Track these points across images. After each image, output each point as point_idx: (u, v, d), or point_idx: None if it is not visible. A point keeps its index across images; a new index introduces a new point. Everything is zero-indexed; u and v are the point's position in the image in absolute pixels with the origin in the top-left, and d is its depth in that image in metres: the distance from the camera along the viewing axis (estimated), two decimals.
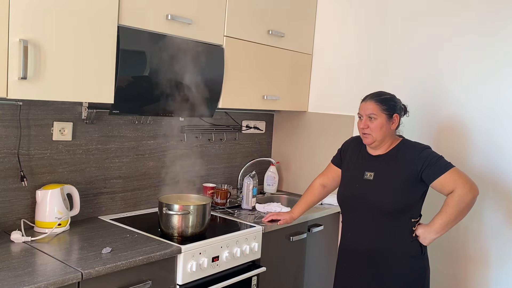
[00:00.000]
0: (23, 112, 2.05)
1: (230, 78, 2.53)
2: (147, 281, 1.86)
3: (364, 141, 2.13)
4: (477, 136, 2.51)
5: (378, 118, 2.05)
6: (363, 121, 2.09)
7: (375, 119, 2.05)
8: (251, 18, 2.65)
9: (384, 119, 2.06)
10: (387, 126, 2.06)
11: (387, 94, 2.12)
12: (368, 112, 2.07)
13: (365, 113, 2.08)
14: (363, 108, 2.10)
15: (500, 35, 2.42)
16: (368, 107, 2.07)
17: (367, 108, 2.08)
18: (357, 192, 2.11)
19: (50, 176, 2.17)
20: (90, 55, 1.89)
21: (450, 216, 1.96)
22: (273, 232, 2.44)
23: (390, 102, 2.08)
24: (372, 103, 2.07)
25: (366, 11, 2.90)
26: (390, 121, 2.07)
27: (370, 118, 2.06)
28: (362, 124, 2.09)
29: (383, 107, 2.06)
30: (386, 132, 2.07)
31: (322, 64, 3.11)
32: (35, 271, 1.62)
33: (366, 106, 2.09)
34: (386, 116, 2.06)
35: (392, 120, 2.07)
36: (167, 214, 2.09)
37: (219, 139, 3.01)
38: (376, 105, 2.06)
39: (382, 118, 2.05)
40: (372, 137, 2.07)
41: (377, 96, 2.09)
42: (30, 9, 1.69)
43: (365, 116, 2.08)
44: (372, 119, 2.06)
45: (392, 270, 2.05)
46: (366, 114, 2.08)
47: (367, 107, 2.08)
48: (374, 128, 2.06)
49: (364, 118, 2.09)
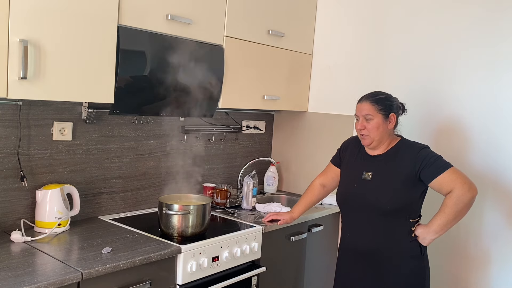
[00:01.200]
0: (23, 112, 2.05)
1: (230, 78, 2.54)
2: (147, 281, 1.86)
3: (362, 143, 2.13)
4: (476, 135, 2.51)
5: (374, 118, 2.05)
6: (360, 122, 2.09)
7: (371, 120, 2.05)
8: (251, 18, 2.65)
9: (381, 119, 2.05)
10: (384, 126, 2.06)
11: (383, 93, 2.11)
12: (364, 113, 2.07)
13: (361, 114, 2.08)
14: (359, 109, 2.10)
15: (500, 34, 2.42)
16: (364, 107, 2.07)
17: (363, 109, 2.08)
18: (356, 192, 2.10)
19: (50, 176, 2.17)
20: (90, 55, 1.89)
21: (449, 216, 1.96)
22: (273, 232, 2.44)
23: (386, 101, 2.08)
24: (367, 104, 2.07)
25: (366, 11, 2.90)
26: (386, 120, 2.06)
27: (366, 119, 2.06)
28: (359, 125, 2.09)
29: (379, 107, 2.05)
30: (383, 132, 2.07)
31: (322, 64, 3.11)
32: (35, 271, 1.62)
33: (361, 107, 2.09)
34: (383, 116, 2.05)
35: (389, 120, 2.07)
36: (167, 214, 2.10)
37: (219, 139, 3.01)
38: (371, 106, 2.06)
39: (378, 118, 2.05)
40: (370, 137, 2.07)
41: (372, 96, 2.09)
42: (30, 9, 1.69)
43: (361, 117, 2.08)
44: (369, 119, 2.06)
45: (392, 270, 2.05)
46: (362, 115, 2.08)
47: (363, 108, 2.08)
48: (371, 128, 2.05)
49: (360, 119, 2.09)
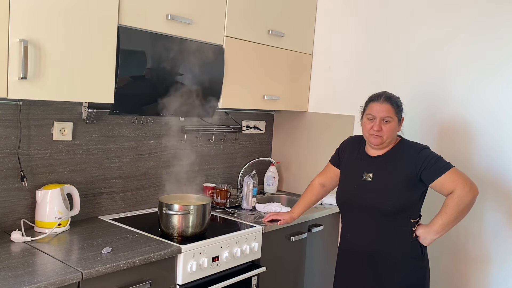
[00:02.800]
0: (23, 112, 2.05)
1: (230, 78, 2.53)
2: (147, 281, 1.86)
3: (372, 142, 2.05)
4: (478, 136, 2.50)
5: (392, 121, 2.00)
6: (377, 124, 1.99)
7: (390, 122, 2.00)
8: (251, 18, 2.64)
9: (396, 122, 2.03)
10: (397, 129, 2.05)
11: (395, 95, 2.07)
12: (383, 115, 1.99)
13: (379, 115, 1.99)
14: (378, 110, 2.00)
15: (500, 34, 2.42)
16: (384, 109, 1.99)
17: (382, 110, 1.99)
18: (356, 193, 2.09)
19: (50, 176, 2.17)
20: (90, 55, 1.89)
21: (450, 216, 1.96)
22: (273, 232, 2.44)
23: (400, 105, 2.05)
24: (388, 105, 2.00)
25: (366, 11, 2.90)
26: (399, 123, 2.05)
27: (385, 121, 2.00)
28: (376, 126, 1.99)
29: (397, 110, 2.02)
30: (395, 134, 2.05)
31: (322, 64, 3.11)
32: (35, 271, 1.62)
33: (381, 108, 2.00)
34: (398, 119, 2.03)
35: (400, 123, 2.06)
36: (167, 214, 2.09)
37: (219, 139, 3.01)
38: (392, 108, 2.00)
39: (395, 122, 2.02)
40: (383, 139, 2.01)
41: (390, 98, 2.02)
42: (30, 9, 1.69)
43: (379, 118, 2.00)
44: (387, 121, 2.00)
45: (392, 270, 2.04)
46: (380, 117, 2.00)
47: (383, 109, 1.99)
48: (387, 131, 2.00)
49: (378, 120, 2.00)
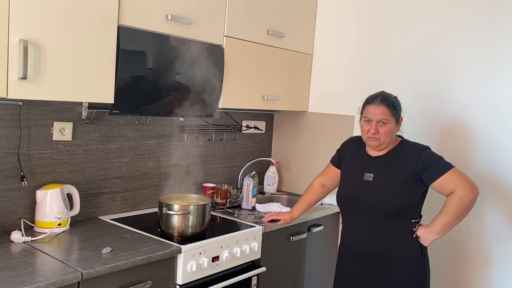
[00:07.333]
0: (23, 112, 2.05)
1: (230, 78, 2.53)
2: (147, 281, 1.86)
3: (370, 144, 2.06)
4: (479, 136, 2.50)
5: (389, 123, 2.00)
6: (373, 126, 2.00)
7: (386, 124, 1.99)
8: (251, 18, 2.64)
9: (394, 123, 2.02)
10: (395, 130, 2.04)
11: (392, 96, 2.06)
12: (379, 118, 1.99)
13: (375, 118, 1.99)
14: (373, 113, 2.00)
15: (501, 34, 2.42)
16: (380, 111, 1.99)
17: (378, 113, 1.99)
18: (357, 193, 2.09)
19: (50, 176, 2.17)
20: (90, 55, 1.89)
21: (451, 217, 1.95)
22: (273, 232, 2.44)
23: (397, 105, 2.04)
24: (383, 108, 1.99)
25: (366, 11, 2.90)
26: (397, 124, 2.04)
27: (381, 123, 1.99)
28: (372, 129, 2.00)
29: (393, 111, 2.00)
30: (393, 135, 2.05)
31: (322, 64, 3.11)
32: (35, 271, 1.62)
33: (376, 111, 2.00)
34: (395, 120, 2.02)
35: (399, 123, 2.05)
36: (167, 214, 2.09)
37: (219, 139, 3.01)
38: (388, 110, 1.99)
39: (392, 123, 2.01)
40: (380, 141, 2.01)
41: (386, 99, 2.01)
42: (30, 9, 1.69)
43: (375, 121, 2.00)
44: (383, 124, 1.99)
45: (392, 271, 2.04)
46: (377, 119, 2.00)
47: (378, 111, 1.99)
48: (384, 133, 2.00)
49: (374, 123, 2.00)
